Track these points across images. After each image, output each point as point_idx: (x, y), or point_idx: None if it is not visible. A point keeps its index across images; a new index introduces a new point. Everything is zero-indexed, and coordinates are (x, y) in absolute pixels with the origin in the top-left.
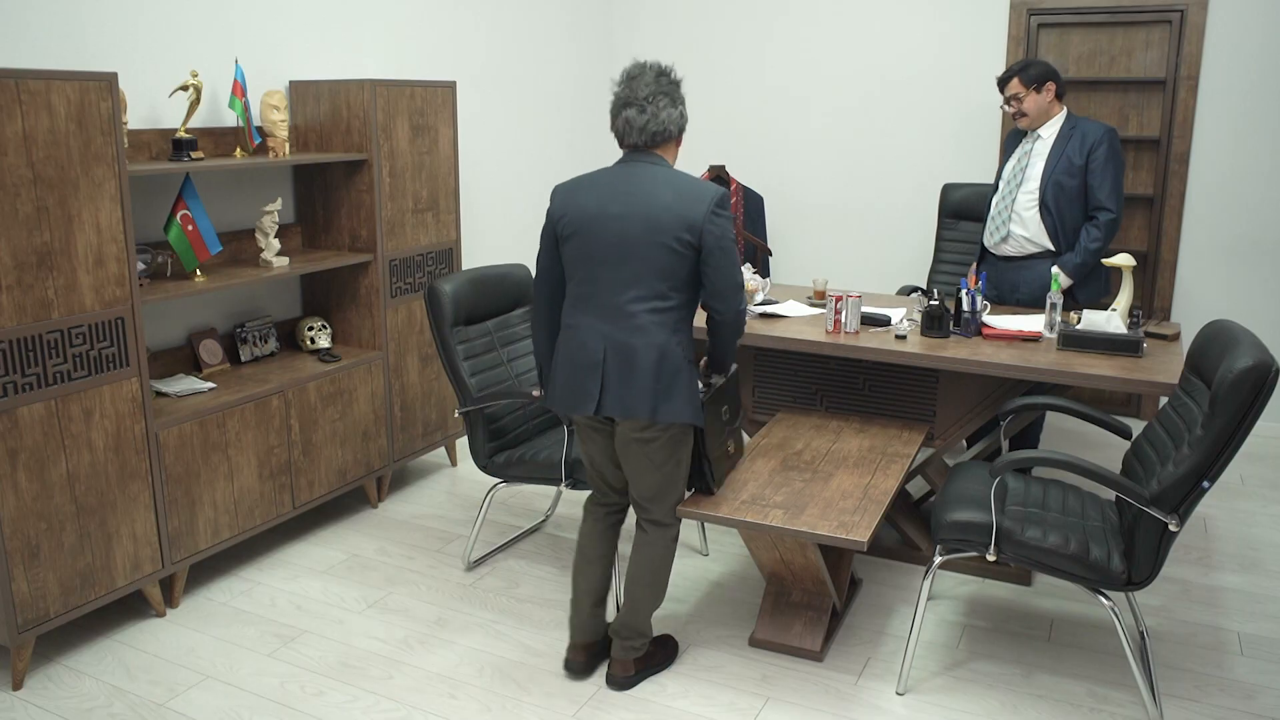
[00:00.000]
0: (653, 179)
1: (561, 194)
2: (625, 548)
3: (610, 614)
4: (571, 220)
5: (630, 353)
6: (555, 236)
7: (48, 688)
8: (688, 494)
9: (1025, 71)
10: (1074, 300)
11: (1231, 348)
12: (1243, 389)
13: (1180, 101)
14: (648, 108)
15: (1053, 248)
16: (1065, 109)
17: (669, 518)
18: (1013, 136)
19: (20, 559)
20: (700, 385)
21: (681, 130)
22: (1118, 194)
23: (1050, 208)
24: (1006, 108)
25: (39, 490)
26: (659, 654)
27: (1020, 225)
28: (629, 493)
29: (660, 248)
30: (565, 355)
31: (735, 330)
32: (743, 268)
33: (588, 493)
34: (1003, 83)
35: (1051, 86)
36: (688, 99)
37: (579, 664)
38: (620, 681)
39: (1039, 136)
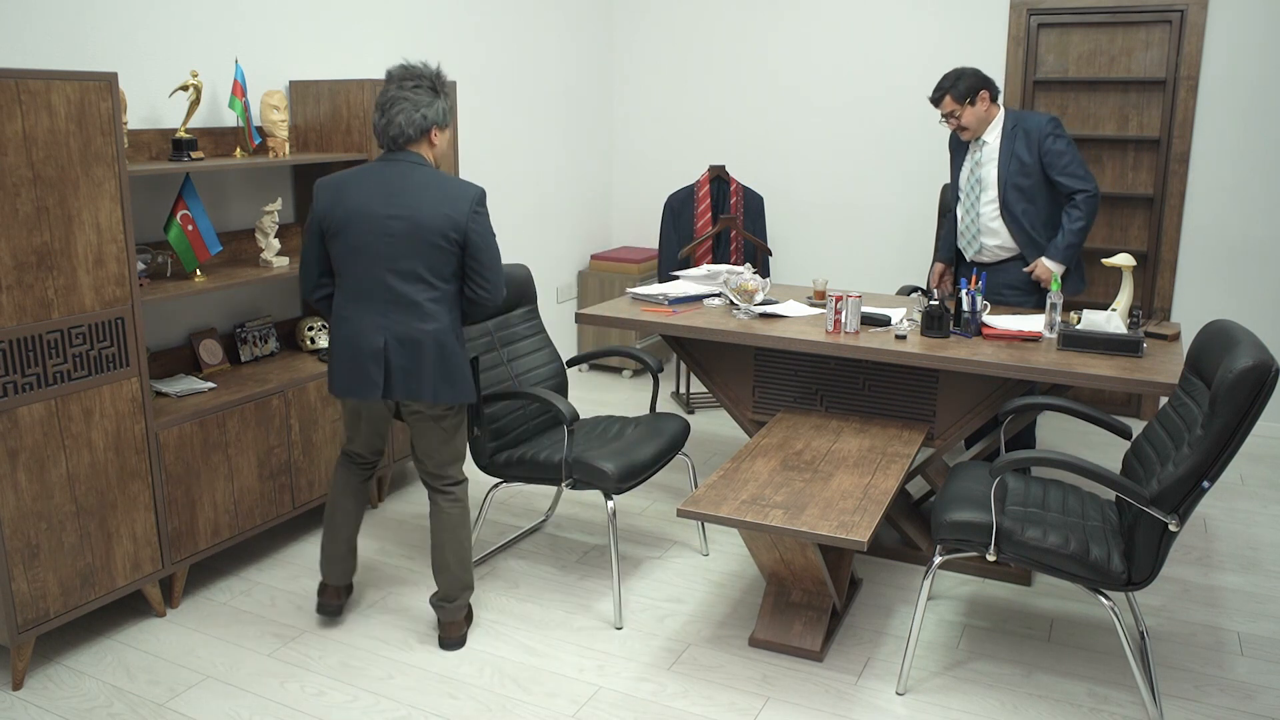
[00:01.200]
0: (416, 179)
1: (327, 191)
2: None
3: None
4: (339, 218)
5: (412, 341)
6: (321, 232)
7: (48, 688)
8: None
9: (955, 88)
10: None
11: (1231, 348)
12: (1243, 389)
13: (1180, 101)
14: (387, 112)
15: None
16: (1002, 109)
17: (461, 474)
18: (957, 140)
19: (20, 559)
20: None
21: (423, 132)
22: (1084, 172)
23: (1013, 212)
24: (944, 124)
25: (39, 490)
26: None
27: (990, 235)
28: (419, 467)
29: (429, 245)
30: (343, 343)
31: (492, 314)
32: (742, 268)
33: (588, 493)
34: (935, 101)
35: (985, 95)
36: (686, 98)
37: (335, 606)
38: (457, 641)
39: (984, 143)
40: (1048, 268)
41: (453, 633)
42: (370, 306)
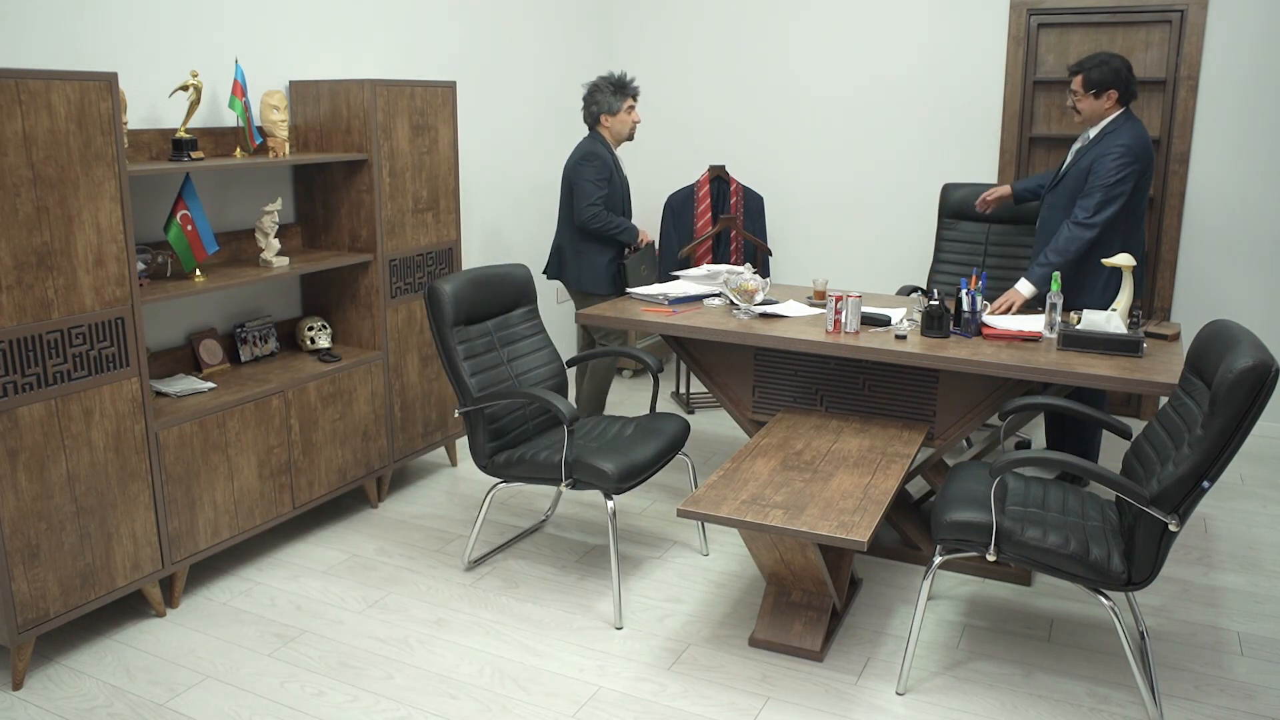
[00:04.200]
0: (576, 148)
1: None
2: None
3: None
4: None
5: (553, 249)
6: None
7: (48, 688)
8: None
9: (1089, 74)
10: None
11: (1231, 348)
12: (1243, 389)
13: (1180, 101)
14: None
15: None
16: (1120, 111)
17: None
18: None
19: (20, 559)
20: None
21: (594, 118)
22: (1097, 202)
23: (1055, 199)
24: (1068, 97)
25: (39, 490)
26: None
27: None
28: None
29: (563, 189)
30: None
31: (592, 231)
32: (742, 268)
33: (588, 493)
34: (1071, 73)
35: (1113, 95)
36: (686, 99)
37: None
38: None
39: (1088, 137)
40: (1019, 292)
41: None
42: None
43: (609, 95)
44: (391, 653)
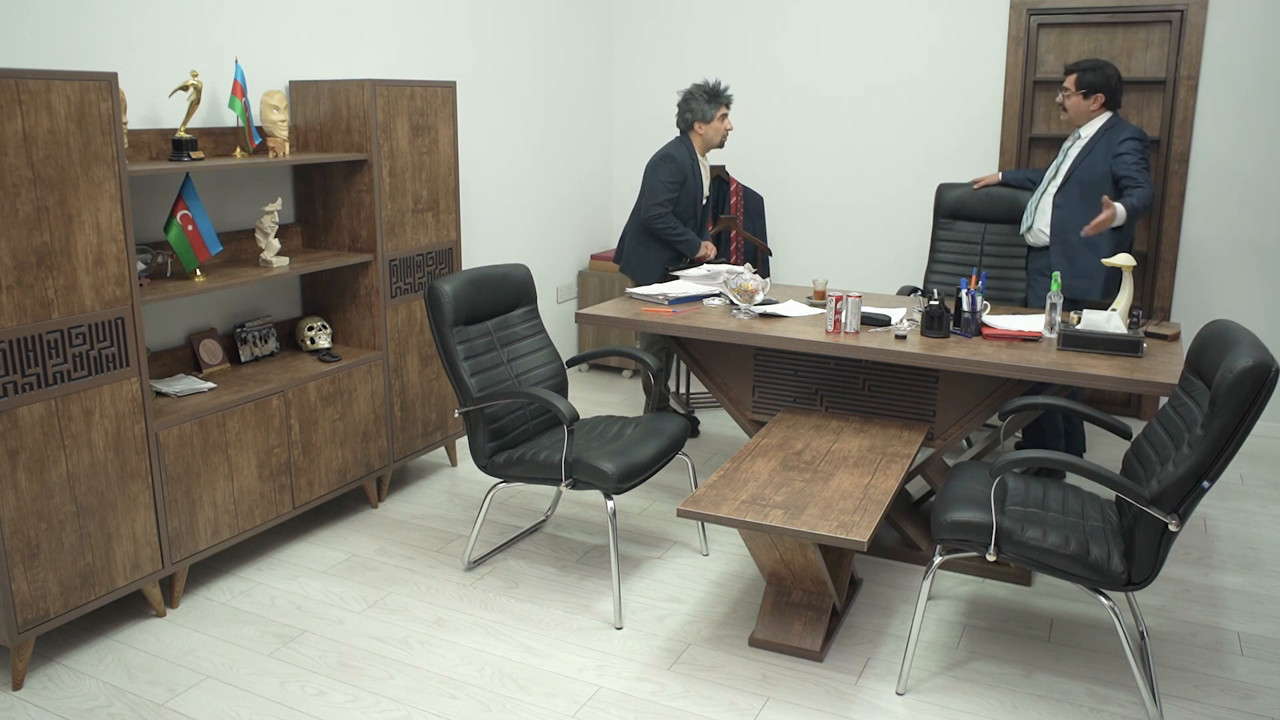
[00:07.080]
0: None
1: None
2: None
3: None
4: None
5: (621, 236)
6: None
7: (48, 688)
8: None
9: (1084, 75)
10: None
11: (1231, 348)
12: (1243, 389)
13: (1180, 101)
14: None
15: (1047, 241)
16: (1110, 114)
17: None
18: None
19: (20, 559)
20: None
21: (687, 125)
22: (1141, 170)
23: (1068, 198)
24: (1058, 93)
25: (39, 490)
26: None
27: (1043, 218)
28: None
29: (642, 180)
30: None
31: (654, 231)
32: (742, 268)
33: (588, 493)
34: (1066, 71)
35: (1100, 99)
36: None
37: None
38: None
39: (1079, 136)
40: (1115, 206)
41: None
42: None
43: (703, 103)
44: (391, 653)
